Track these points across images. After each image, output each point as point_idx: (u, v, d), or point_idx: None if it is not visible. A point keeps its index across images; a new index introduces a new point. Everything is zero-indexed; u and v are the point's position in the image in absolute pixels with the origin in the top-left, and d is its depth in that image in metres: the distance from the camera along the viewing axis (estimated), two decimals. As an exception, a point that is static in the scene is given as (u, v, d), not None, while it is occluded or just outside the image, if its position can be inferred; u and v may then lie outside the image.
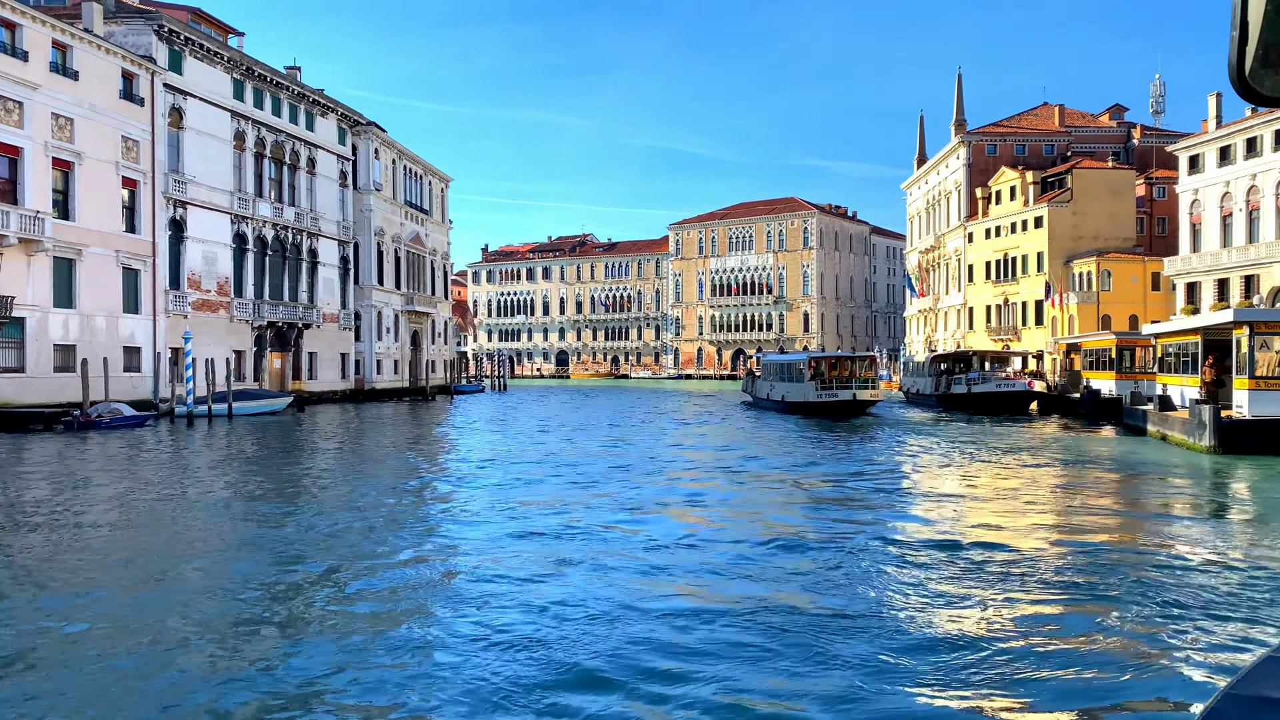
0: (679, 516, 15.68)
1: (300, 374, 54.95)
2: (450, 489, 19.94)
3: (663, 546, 12.95)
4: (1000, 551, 12.49)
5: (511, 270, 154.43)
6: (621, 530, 14.38)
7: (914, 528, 14.54)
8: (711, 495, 18.55)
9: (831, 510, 16.36)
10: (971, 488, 19.67)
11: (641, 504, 17.07)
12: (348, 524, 15.26)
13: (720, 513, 16.25)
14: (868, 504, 16.98)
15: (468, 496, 18.58)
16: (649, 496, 18.04)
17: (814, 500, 17.63)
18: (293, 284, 54.69)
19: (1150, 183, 75.14)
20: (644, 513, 16.06)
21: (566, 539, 13.59)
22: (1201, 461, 22.68)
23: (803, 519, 15.41)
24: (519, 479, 21.22)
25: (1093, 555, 12.36)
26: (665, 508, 16.68)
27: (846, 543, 13.05)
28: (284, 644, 8.68)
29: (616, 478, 21.05)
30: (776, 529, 14.18)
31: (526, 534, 14.07)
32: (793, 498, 18.13)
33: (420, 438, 34.84)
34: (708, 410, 52.09)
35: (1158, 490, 19.41)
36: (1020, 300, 74.87)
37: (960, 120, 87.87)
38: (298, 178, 55.36)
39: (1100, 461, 23.84)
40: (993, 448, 27.23)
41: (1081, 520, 15.35)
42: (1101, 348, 41.21)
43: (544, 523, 15.02)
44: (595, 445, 29.86)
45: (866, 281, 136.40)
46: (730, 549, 12.69)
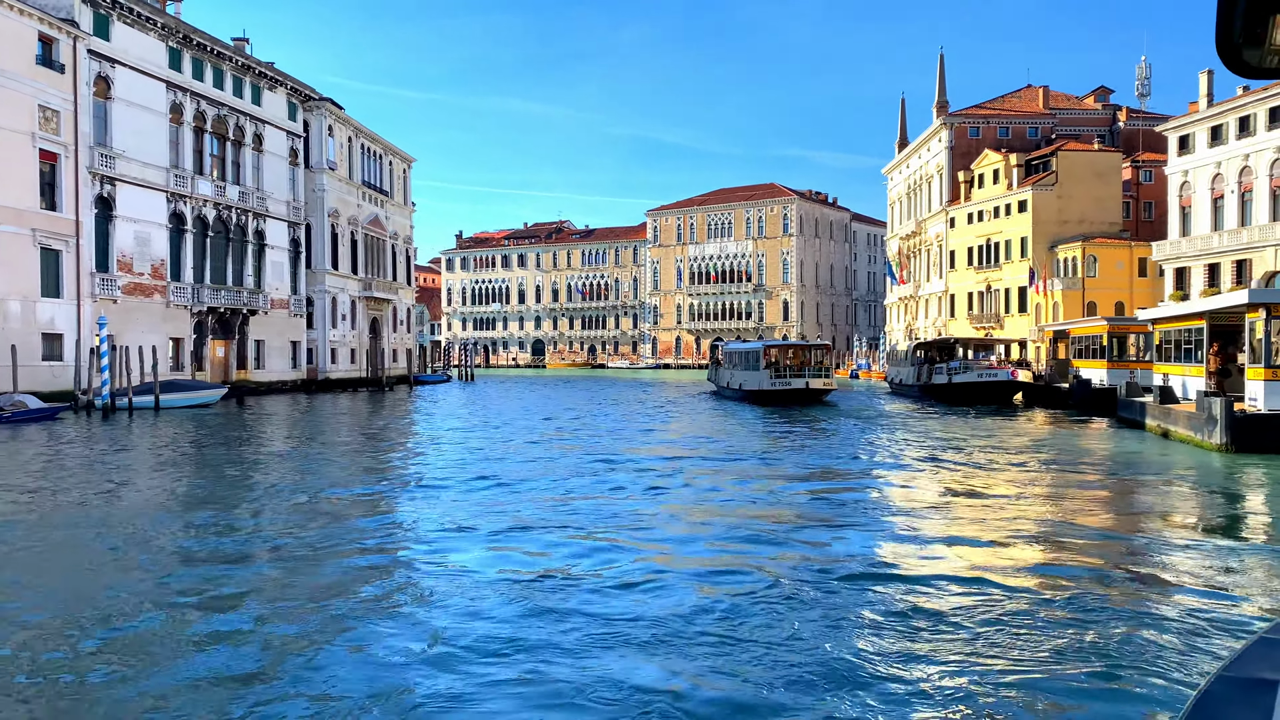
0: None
1: (246, 363, 51.85)
2: (361, 497, 17.13)
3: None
4: (976, 589, 9.85)
5: (486, 257, 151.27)
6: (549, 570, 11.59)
7: (866, 555, 11.81)
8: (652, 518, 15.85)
9: (751, 537, 12.92)
10: (944, 499, 16.17)
11: (569, 528, 14.33)
12: (213, 545, 12.47)
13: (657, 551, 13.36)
14: (806, 524, 13.69)
15: (379, 503, 15.81)
16: (582, 519, 15.28)
17: (736, 528, 13.55)
18: (237, 267, 51.53)
19: (1137, 166, 73.01)
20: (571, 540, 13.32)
21: (494, 564, 11.20)
22: (1212, 461, 20.08)
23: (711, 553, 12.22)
24: (436, 483, 18.47)
25: (1088, 600, 9.54)
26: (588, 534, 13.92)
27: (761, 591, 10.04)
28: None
29: (544, 491, 18.29)
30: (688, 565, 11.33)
31: (448, 560, 11.50)
32: (705, 530, 13.56)
33: (360, 432, 31.95)
34: (672, 401, 50.11)
35: (1168, 500, 16.52)
36: (1003, 287, 72.65)
37: (942, 102, 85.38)
38: (243, 154, 52.11)
39: (1096, 463, 20.97)
40: (969, 446, 24.27)
41: (1077, 545, 12.28)
42: (1092, 335, 38.60)
43: (465, 546, 12.32)
44: (528, 441, 27.10)
45: (847, 269, 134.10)
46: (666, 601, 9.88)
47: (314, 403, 47.74)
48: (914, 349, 53.24)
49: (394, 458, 23.47)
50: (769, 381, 44.12)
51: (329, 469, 21.34)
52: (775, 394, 43.70)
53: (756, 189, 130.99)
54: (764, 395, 44.28)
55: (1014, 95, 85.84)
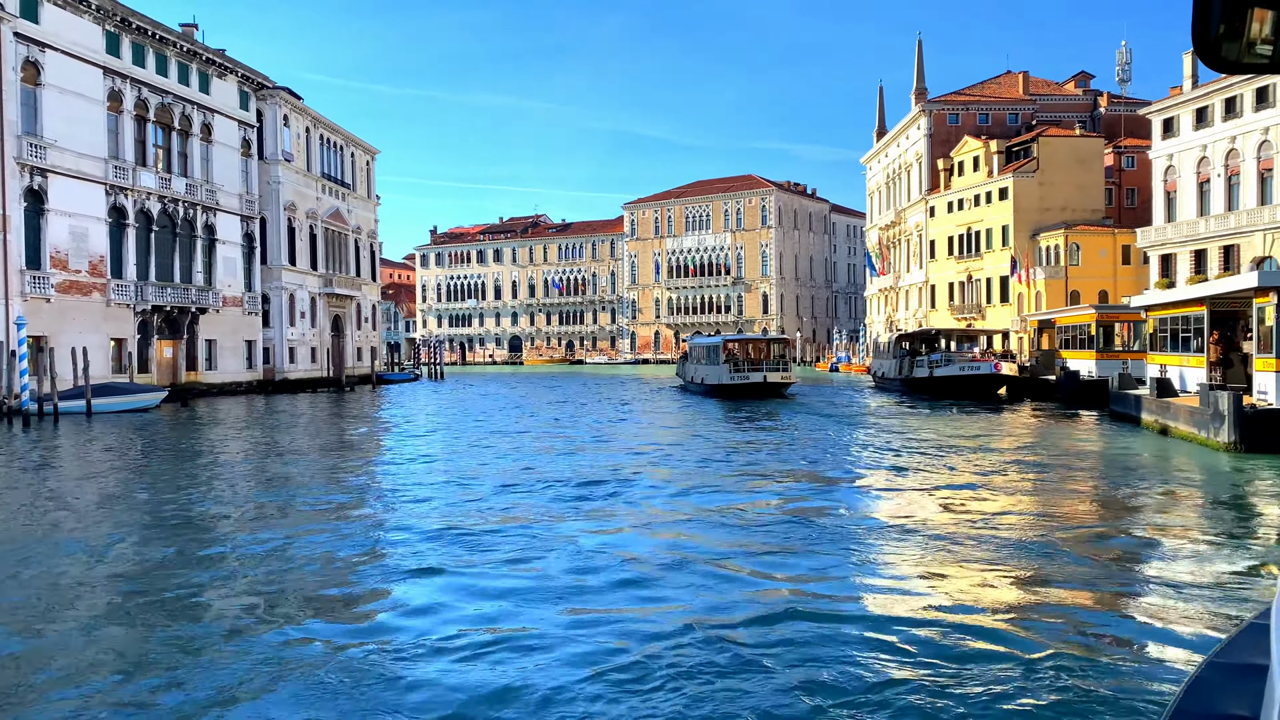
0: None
1: (196, 364, 49.42)
2: (272, 519, 14.97)
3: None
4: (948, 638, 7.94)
5: (461, 253, 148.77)
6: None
7: (825, 593, 9.84)
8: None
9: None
10: (914, 518, 13.56)
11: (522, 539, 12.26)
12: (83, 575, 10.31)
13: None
14: (755, 552, 11.66)
15: (294, 530, 13.67)
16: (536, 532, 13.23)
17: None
18: (185, 263, 49.05)
19: (1119, 152, 71.50)
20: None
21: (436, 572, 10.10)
22: (1219, 463, 18.15)
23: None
24: (368, 494, 16.35)
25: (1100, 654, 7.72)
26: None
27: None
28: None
29: (484, 504, 16.21)
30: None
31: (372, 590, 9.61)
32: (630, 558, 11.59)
33: (299, 439, 29.71)
34: (638, 398, 48.54)
35: (1176, 512, 14.30)
36: (984, 276, 71.05)
37: (921, 89, 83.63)
38: (190, 145, 49.58)
39: (1092, 469, 18.75)
40: (947, 450, 21.78)
41: (1080, 577, 10.09)
42: (1079, 324, 36.69)
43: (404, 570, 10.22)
44: (455, 452, 24.98)
45: (827, 261, 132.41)
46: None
47: (266, 405, 45.42)
48: (895, 341, 51.29)
49: (312, 471, 21.26)
50: (728, 376, 44.14)
51: (241, 482, 19.15)
52: (734, 388, 43.68)
53: (734, 180, 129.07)
54: (724, 390, 44.29)
55: (993, 81, 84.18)
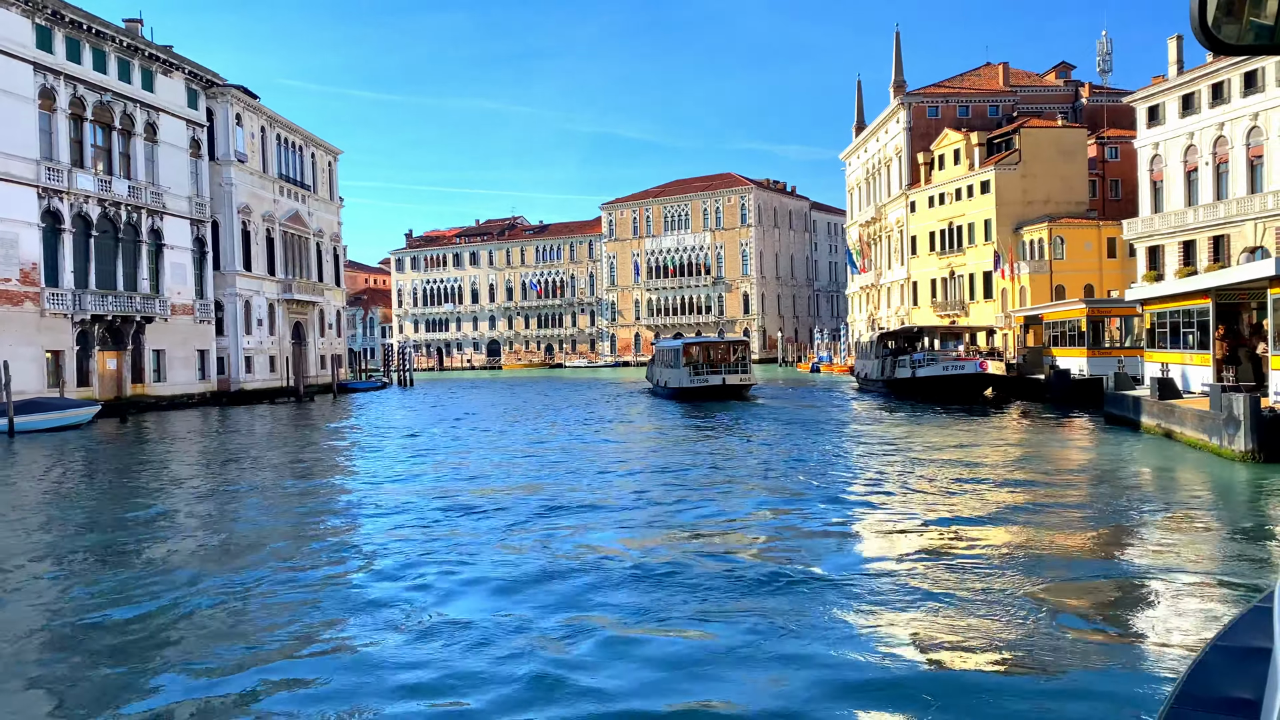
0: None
1: (143, 376, 46.90)
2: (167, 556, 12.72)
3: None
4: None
5: (437, 256, 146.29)
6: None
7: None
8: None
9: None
10: (886, 559, 11.37)
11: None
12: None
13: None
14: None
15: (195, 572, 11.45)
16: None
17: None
18: (129, 270, 46.50)
19: (1102, 143, 69.87)
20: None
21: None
22: (1234, 474, 16.07)
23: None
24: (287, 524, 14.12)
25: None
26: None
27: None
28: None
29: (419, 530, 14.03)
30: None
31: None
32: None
33: (233, 458, 27.39)
34: (606, 402, 47.42)
35: (1198, 542, 12.08)
36: (967, 272, 69.31)
37: (899, 81, 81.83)
38: (133, 145, 47.04)
39: (1091, 484, 16.48)
40: (926, 464, 19.28)
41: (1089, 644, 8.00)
42: (1069, 319, 34.62)
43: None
44: (392, 474, 22.78)
45: (808, 259, 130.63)
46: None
47: (214, 419, 43.03)
48: (877, 340, 49.10)
49: (219, 503, 18.99)
50: (689, 379, 44.30)
51: (145, 512, 16.86)
52: (694, 390, 43.81)
53: (713, 179, 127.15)
54: (685, 392, 44.43)
55: (973, 73, 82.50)
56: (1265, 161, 46.30)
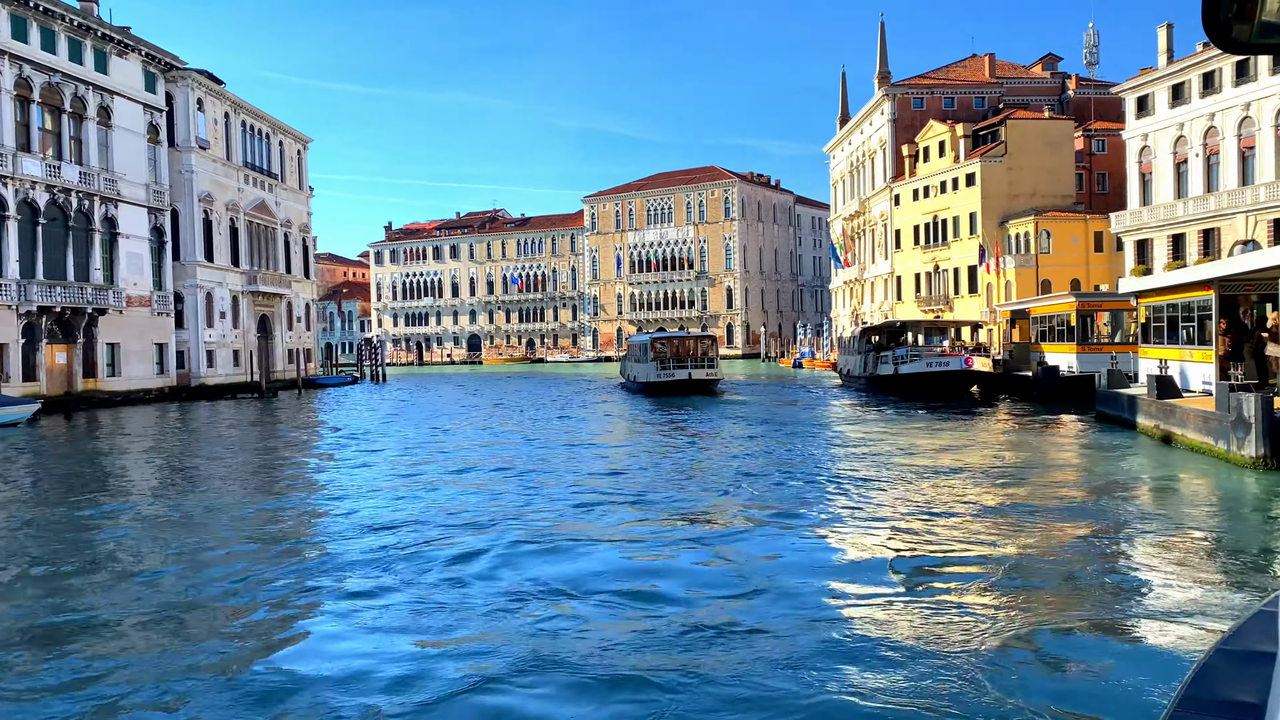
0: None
1: (96, 370, 44.95)
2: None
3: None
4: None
5: (417, 249, 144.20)
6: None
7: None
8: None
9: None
10: (859, 569, 10.38)
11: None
12: None
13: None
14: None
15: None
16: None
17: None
18: (81, 260, 44.50)
19: (1089, 135, 68.65)
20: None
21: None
22: (1244, 483, 14.46)
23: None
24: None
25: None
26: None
27: None
28: None
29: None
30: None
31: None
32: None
33: (172, 459, 25.63)
34: (574, 397, 46.36)
35: (1209, 558, 10.67)
36: (952, 266, 68.02)
37: (884, 72, 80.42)
38: (85, 130, 45.00)
39: (1086, 493, 14.77)
40: (902, 470, 17.51)
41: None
42: (1058, 313, 33.07)
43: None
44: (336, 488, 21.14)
45: (792, 253, 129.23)
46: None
47: (168, 416, 41.17)
48: (860, 335, 47.54)
49: (144, 514, 17.30)
50: (655, 374, 44.70)
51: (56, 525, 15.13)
52: (661, 385, 44.18)
53: (697, 172, 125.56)
54: (652, 387, 44.85)
55: (959, 65, 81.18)
56: (1257, 153, 45.07)
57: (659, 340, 48.48)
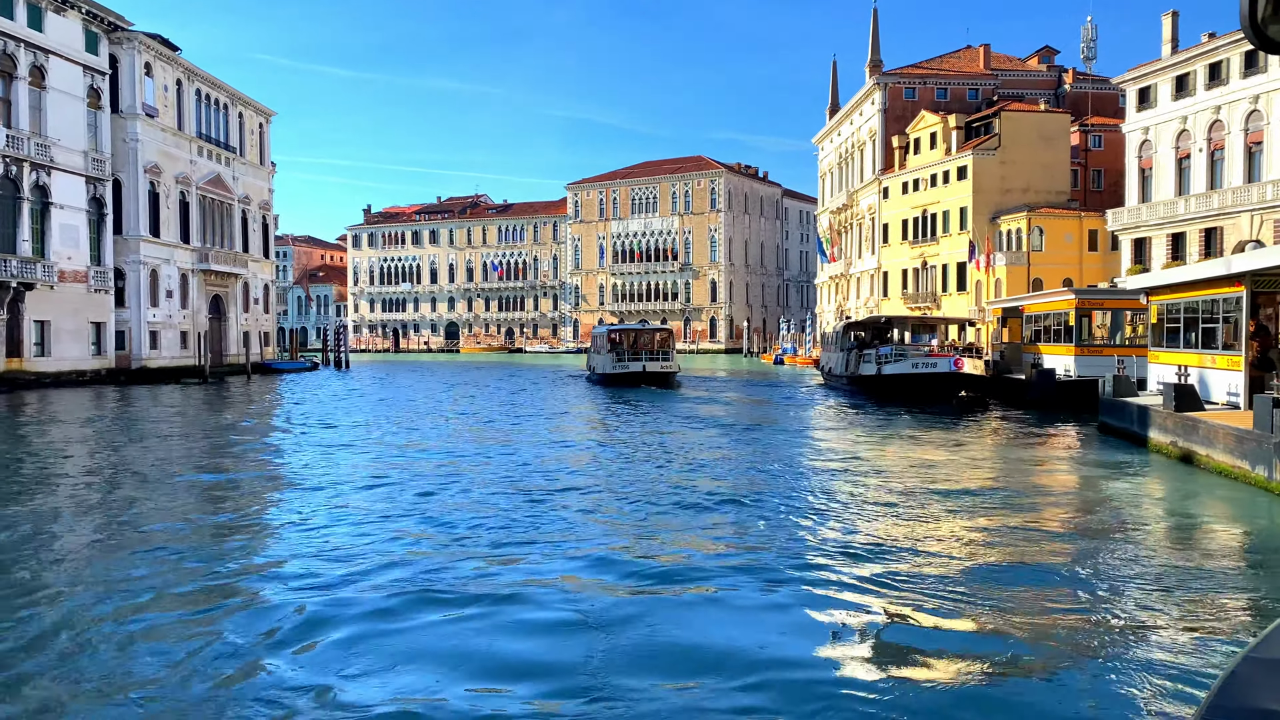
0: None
1: (21, 349, 41.83)
2: None
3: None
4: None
5: (395, 233, 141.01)
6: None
7: None
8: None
9: None
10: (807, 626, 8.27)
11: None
12: None
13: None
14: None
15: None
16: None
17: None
18: (6, 230, 41.33)
19: (1085, 130, 66.20)
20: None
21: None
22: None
23: None
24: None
25: None
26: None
27: None
28: None
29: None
30: None
31: None
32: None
33: (48, 457, 22.72)
34: (528, 388, 45.02)
35: (1247, 606, 8.43)
36: (940, 263, 65.49)
37: (875, 61, 77.77)
38: (15, 90, 41.75)
39: (1092, 523, 12.24)
40: (871, 490, 14.85)
41: None
42: (1055, 312, 30.27)
43: None
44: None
45: (778, 247, 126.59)
46: None
47: (92, 399, 38.12)
48: (843, 331, 44.54)
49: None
50: (612, 365, 45.46)
51: None
52: (616, 376, 44.88)
53: (683, 161, 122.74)
54: (608, 378, 45.55)
55: (953, 55, 78.58)
56: (1265, 148, 42.56)
57: (615, 332, 49.46)
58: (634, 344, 48.33)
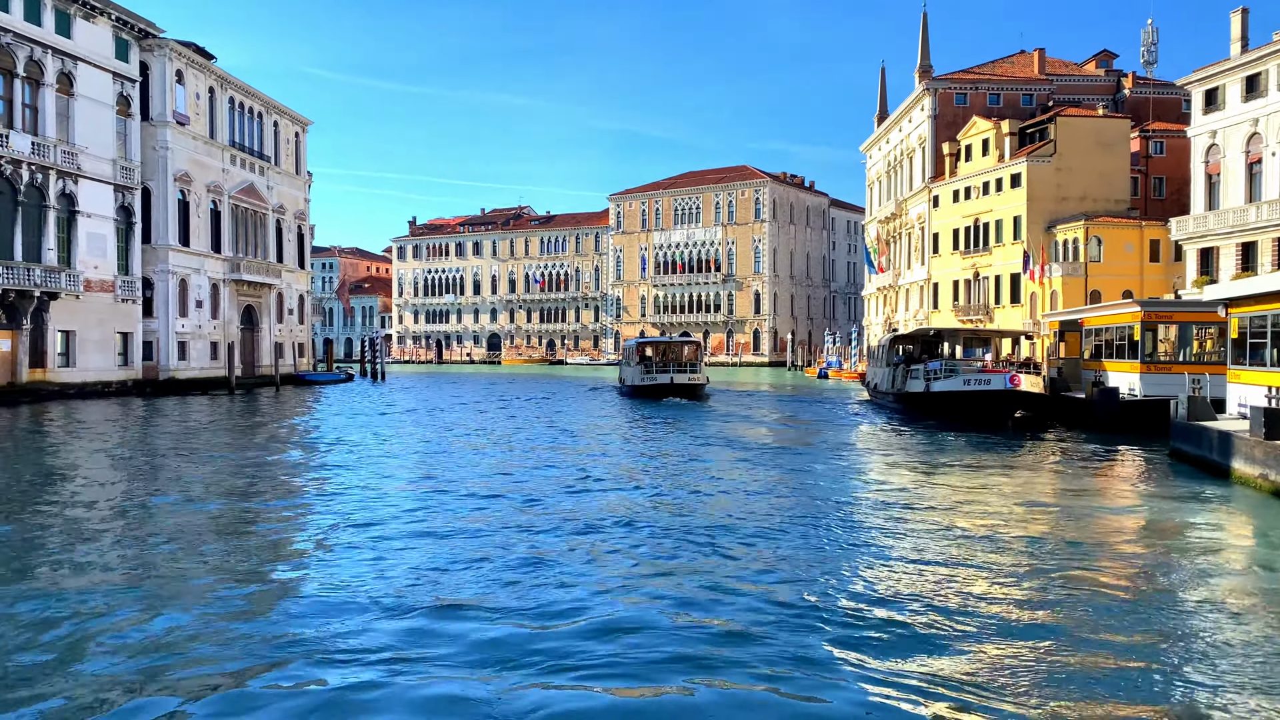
0: None
1: (45, 359, 41.15)
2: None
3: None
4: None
5: (439, 245, 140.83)
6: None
7: None
8: None
9: None
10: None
11: None
12: None
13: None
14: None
15: None
16: None
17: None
18: (31, 238, 40.71)
19: (1146, 136, 63.22)
20: None
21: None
22: None
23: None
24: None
25: None
26: None
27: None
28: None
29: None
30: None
31: None
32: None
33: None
34: (572, 399, 43.51)
35: None
36: (993, 274, 62.86)
37: (925, 66, 75.30)
38: (41, 97, 41.21)
39: (1180, 582, 10.27)
40: (912, 533, 12.94)
41: None
42: (1118, 325, 27.83)
43: None
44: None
45: (825, 258, 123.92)
46: None
47: (112, 411, 37.22)
48: (889, 344, 42.00)
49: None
50: (640, 377, 45.81)
51: None
52: (644, 389, 45.25)
53: (727, 171, 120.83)
54: (638, 390, 45.84)
55: (1006, 61, 75.96)
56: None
57: (645, 344, 50.44)
58: (663, 357, 48.96)
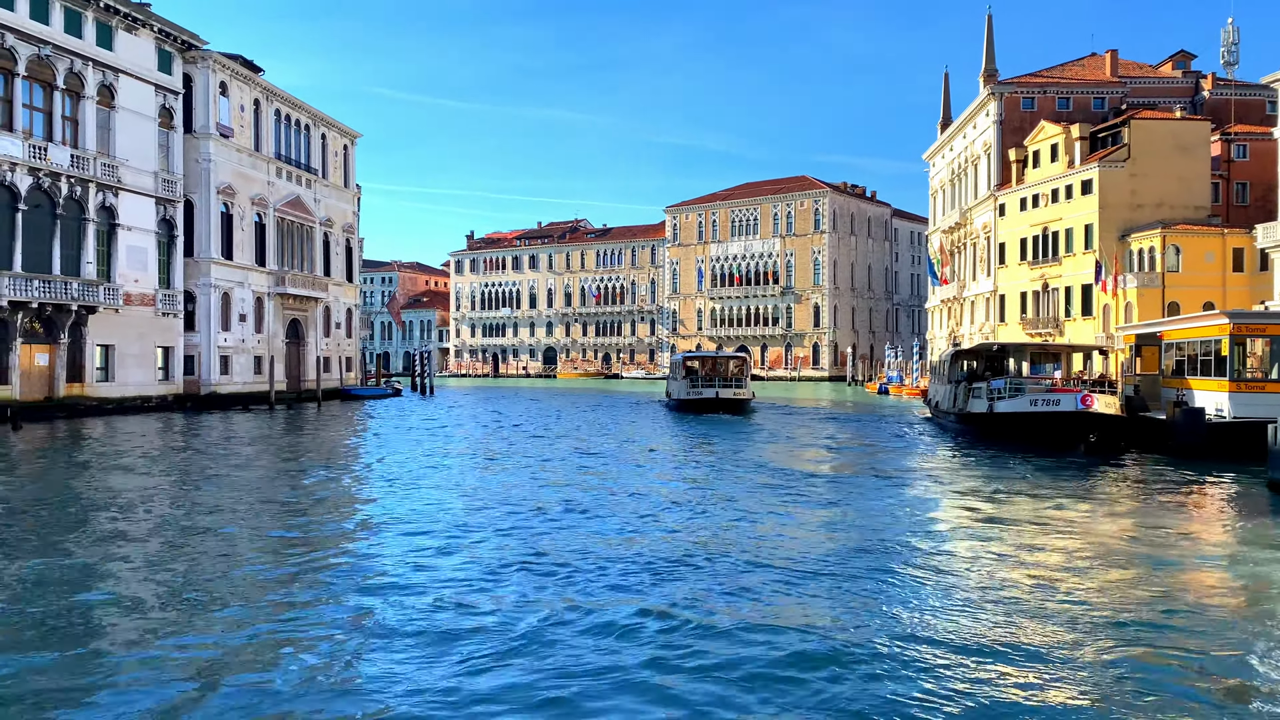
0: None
1: (83, 374, 40.70)
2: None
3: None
4: None
5: (496, 259, 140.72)
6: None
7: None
8: None
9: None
10: None
11: None
12: None
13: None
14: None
15: None
16: None
17: None
18: (71, 252, 40.32)
19: (1227, 139, 59.70)
20: None
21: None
22: None
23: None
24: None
25: None
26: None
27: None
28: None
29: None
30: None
31: None
32: None
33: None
34: (621, 410, 42.79)
35: None
36: (1063, 285, 59.81)
37: (990, 70, 72.44)
38: (82, 109, 40.90)
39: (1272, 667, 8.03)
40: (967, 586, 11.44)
41: None
42: (1203, 339, 25.22)
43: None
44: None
45: (887, 270, 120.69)
46: None
47: (173, 425, 36.49)
48: (951, 359, 39.13)
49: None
50: (686, 391, 46.12)
51: None
52: (690, 403, 45.43)
53: (785, 182, 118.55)
54: (683, 404, 46.12)
55: (1075, 64, 72.74)
56: None
57: (691, 358, 50.68)
58: (710, 371, 49.06)
